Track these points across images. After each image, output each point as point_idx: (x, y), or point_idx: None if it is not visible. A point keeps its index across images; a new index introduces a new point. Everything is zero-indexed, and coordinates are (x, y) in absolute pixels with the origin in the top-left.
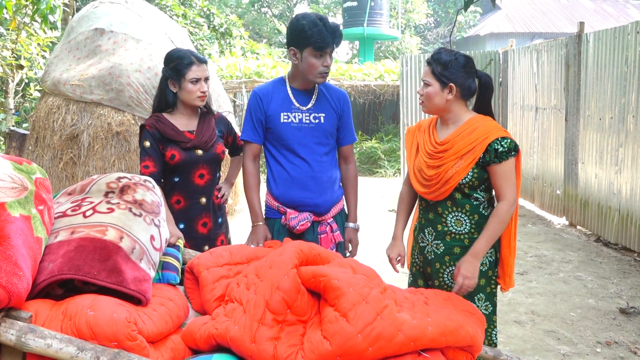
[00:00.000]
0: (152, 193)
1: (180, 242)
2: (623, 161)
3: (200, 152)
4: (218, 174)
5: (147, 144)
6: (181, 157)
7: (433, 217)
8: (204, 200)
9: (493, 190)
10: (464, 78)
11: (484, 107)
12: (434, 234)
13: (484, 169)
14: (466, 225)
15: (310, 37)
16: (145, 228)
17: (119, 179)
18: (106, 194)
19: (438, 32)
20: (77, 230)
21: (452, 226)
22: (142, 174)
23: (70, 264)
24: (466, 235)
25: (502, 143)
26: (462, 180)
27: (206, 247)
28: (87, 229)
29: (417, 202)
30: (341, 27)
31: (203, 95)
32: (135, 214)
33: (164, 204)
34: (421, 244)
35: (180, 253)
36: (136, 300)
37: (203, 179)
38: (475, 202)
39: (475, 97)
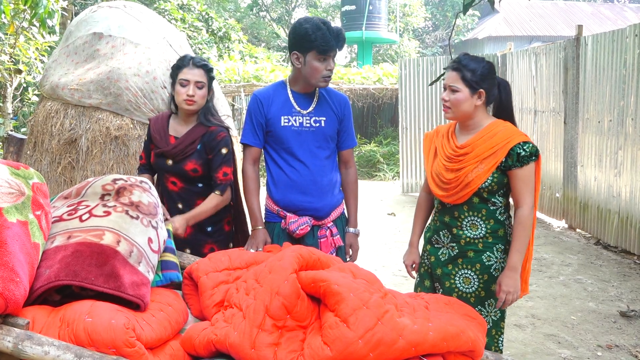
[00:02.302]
0: (148, 194)
1: (170, 226)
2: (622, 164)
3: (170, 162)
4: (199, 185)
5: (146, 137)
6: (154, 161)
7: (449, 220)
8: (180, 206)
9: (510, 196)
10: (491, 84)
11: (505, 113)
12: (449, 236)
13: (504, 173)
14: (481, 229)
15: (314, 41)
16: (143, 231)
17: (114, 180)
18: (102, 197)
19: (436, 36)
20: (73, 235)
21: (467, 230)
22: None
23: (67, 270)
24: (481, 240)
25: (525, 147)
26: (482, 184)
27: (187, 250)
28: (84, 233)
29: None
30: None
31: (189, 100)
32: (132, 217)
33: (160, 205)
34: (435, 245)
35: (172, 241)
36: (135, 305)
37: (176, 186)
38: (492, 207)
39: (495, 103)
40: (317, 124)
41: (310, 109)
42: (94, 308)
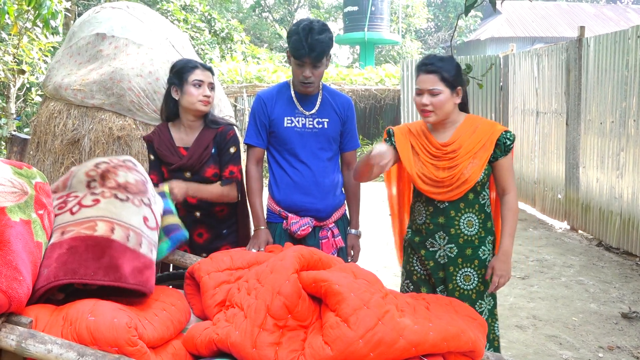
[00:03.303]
0: (134, 172)
1: (167, 188)
2: (624, 165)
3: (188, 174)
4: None
5: (152, 157)
6: (169, 177)
7: (444, 221)
8: (197, 214)
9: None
10: (463, 81)
11: (463, 108)
12: (447, 237)
13: (491, 165)
14: (476, 225)
15: (289, 44)
16: (136, 211)
17: (96, 165)
18: (88, 184)
19: (439, 37)
20: (67, 230)
21: (464, 228)
22: None
23: (65, 269)
24: (476, 236)
25: (508, 136)
26: (479, 178)
27: (204, 255)
28: (76, 226)
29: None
30: (332, 39)
31: (206, 100)
32: (121, 200)
33: (148, 180)
34: (430, 249)
35: (169, 201)
36: (140, 293)
37: (195, 197)
38: (482, 201)
39: None
40: (320, 126)
41: (314, 110)
42: (96, 307)
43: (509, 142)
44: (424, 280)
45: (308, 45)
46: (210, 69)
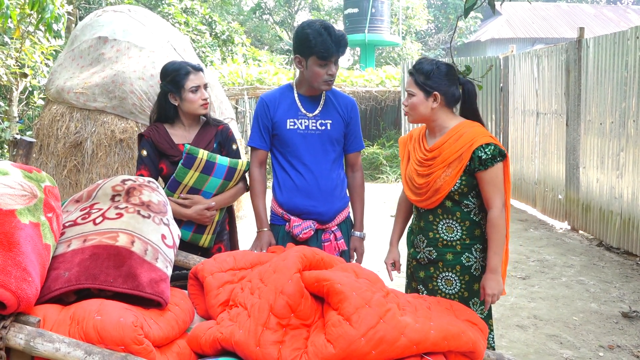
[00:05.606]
0: (157, 193)
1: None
2: (624, 165)
3: None
4: None
5: (144, 152)
6: (168, 171)
7: (424, 224)
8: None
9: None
10: (447, 86)
11: (470, 114)
12: (426, 241)
13: (472, 175)
14: (457, 232)
15: (314, 47)
16: (156, 228)
17: (123, 181)
18: (113, 198)
19: (439, 38)
20: (89, 238)
21: (443, 233)
22: None
23: (87, 273)
24: (458, 242)
25: (486, 150)
26: (451, 189)
27: (198, 254)
28: (99, 236)
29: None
30: (346, 35)
31: (205, 103)
32: (144, 216)
33: (169, 203)
34: (415, 249)
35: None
36: (155, 303)
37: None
38: (465, 209)
39: (459, 105)
40: (323, 127)
41: (317, 111)
42: (103, 306)
43: (485, 156)
44: (412, 276)
45: (335, 42)
46: (201, 69)
